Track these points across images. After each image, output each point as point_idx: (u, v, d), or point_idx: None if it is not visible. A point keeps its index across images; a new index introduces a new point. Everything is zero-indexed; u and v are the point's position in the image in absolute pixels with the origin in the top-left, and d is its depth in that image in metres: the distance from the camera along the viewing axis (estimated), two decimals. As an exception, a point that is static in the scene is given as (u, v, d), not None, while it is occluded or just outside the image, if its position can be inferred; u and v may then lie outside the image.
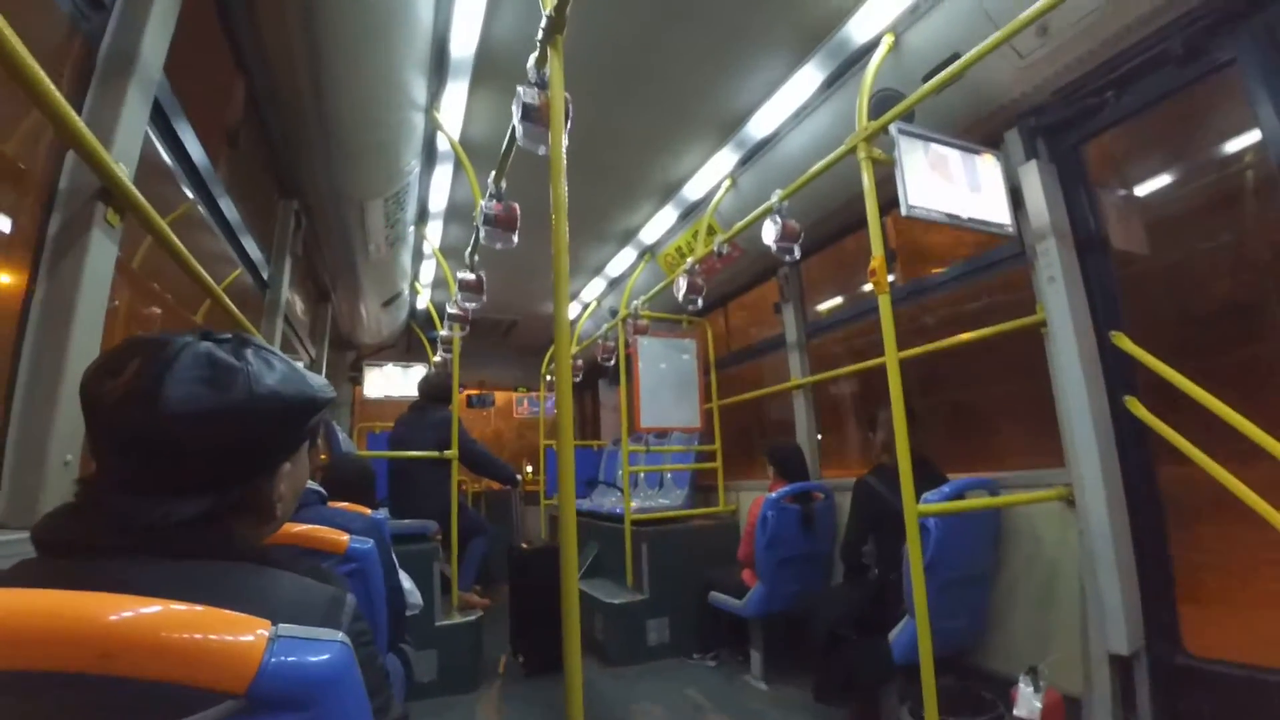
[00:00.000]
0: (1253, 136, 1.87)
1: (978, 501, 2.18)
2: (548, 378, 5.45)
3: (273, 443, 0.71)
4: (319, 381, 0.77)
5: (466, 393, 5.94)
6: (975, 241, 2.63)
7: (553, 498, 5.30)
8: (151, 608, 0.47)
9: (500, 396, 7.09)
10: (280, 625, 0.47)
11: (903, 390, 1.85)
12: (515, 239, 2.18)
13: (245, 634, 0.45)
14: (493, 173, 2.20)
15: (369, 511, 2.03)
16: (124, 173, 1.34)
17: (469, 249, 2.73)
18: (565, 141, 1.55)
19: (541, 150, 1.63)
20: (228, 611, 0.48)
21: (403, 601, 1.65)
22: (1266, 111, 1.75)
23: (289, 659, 0.45)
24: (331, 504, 1.75)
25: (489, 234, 2.19)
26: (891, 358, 1.83)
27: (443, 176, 3.38)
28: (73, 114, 1.10)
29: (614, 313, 4.19)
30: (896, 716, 2.20)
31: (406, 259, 4.03)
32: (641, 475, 4.78)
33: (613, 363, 4.17)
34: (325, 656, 0.47)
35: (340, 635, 0.49)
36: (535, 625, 3.44)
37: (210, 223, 2.41)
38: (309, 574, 0.67)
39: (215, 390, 0.63)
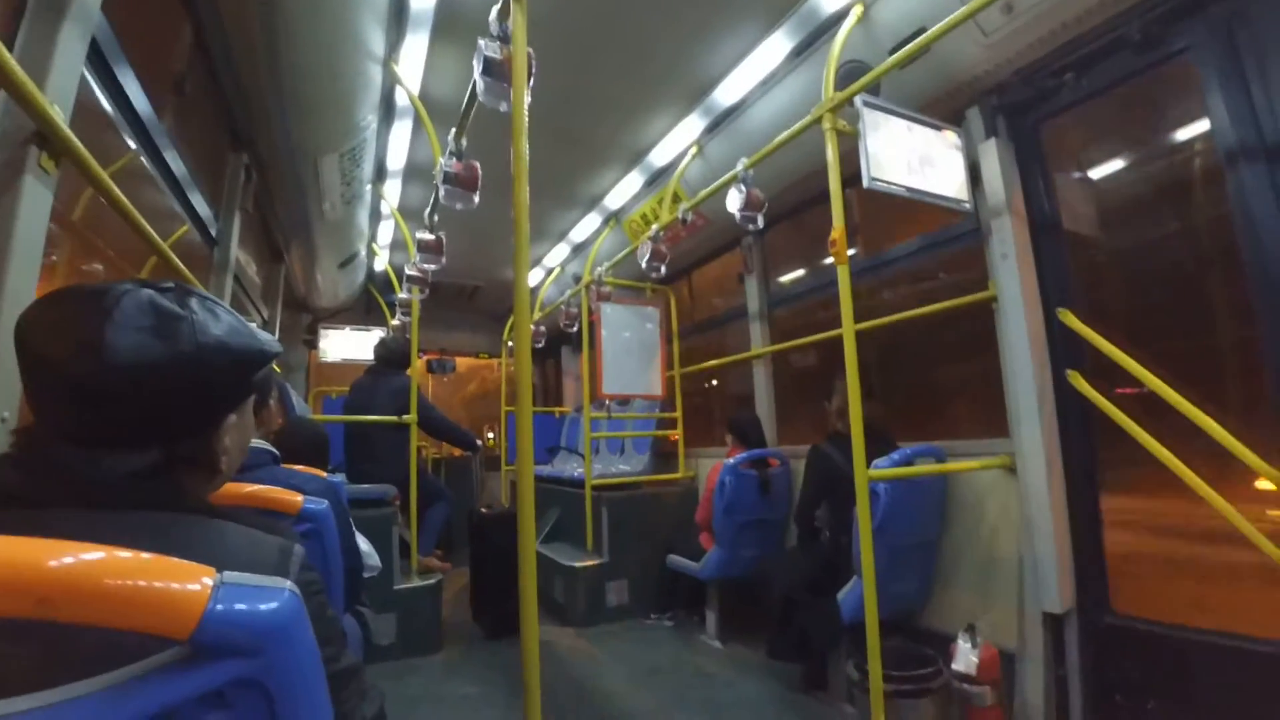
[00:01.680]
0: (1196, 127, 1.95)
1: (924, 468, 2.26)
2: (509, 344, 5.40)
3: (219, 395, 0.70)
4: (266, 336, 0.76)
5: (426, 358, 5.84)
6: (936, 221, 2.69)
7: (514, 463, 5.31)
8: (93, 554, 0.46)
9: (462, 363, 7.00)
10: (226, 573, 0.46)
11: (860, 364, 1.89)
12: (476, 199, 2.13)
13: (190, 582, 0.45)
14: (453, 130, 2.14)
15: (324, 474, 2.01)
16: (59, 115, 1.26)
17: (428, 209, 2.65)
18: (528, 99, 1.51)
19: (503, 107, 1.58)
20: (173, 559, 0.47)
21: (359, 562, 1.64)
22: (1215, 100, 1.82)
23: (234, 606, 0.45)
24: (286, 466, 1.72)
25: (449, 193, 2.13)
26: (848, 328, 1.86)
27: (401, 133, 3.26)
28: (3, 50, 1.03)
29: (577, 279, 4.15)
30: (844, 673, 2.30)
31: (364, 219, 3.91)
32: (603, 442, 4.81)
33: (576, 329, 4.15)
34: (272, 605, 0.47)
35: (288, 584, 0.49)
36: (494, 589, 3.47)
37: (155, 175, 2.29)
38: (260, 528, 0.67)
39: (160, 340, 0.61)
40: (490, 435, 6.26)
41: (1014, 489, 2.24)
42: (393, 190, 3.84)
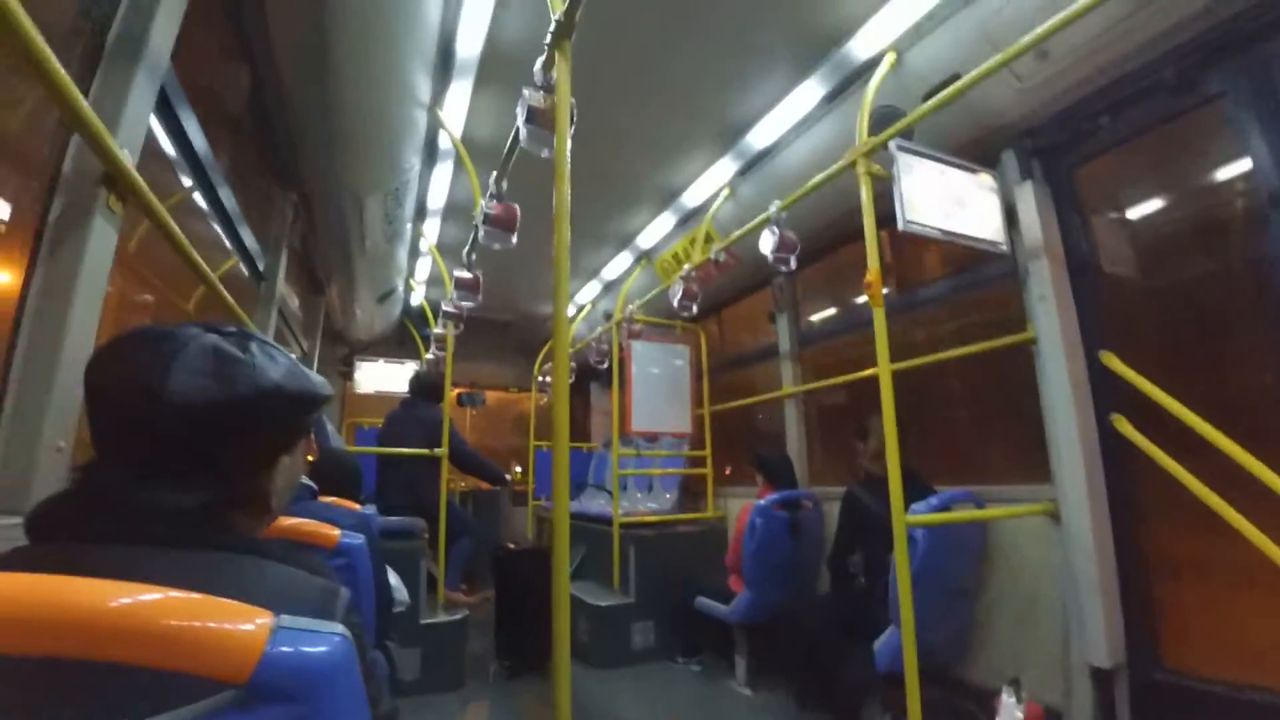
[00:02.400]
0: (1234, 168, 1.92)
1: (965, 514, 2.20)
2: (540, 378, 5.45)
3: (274, 436, 0.73)
4: (318, 378, 0.78)
5: (456, 391, 5.92)
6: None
7: (540, 498, 5.29)
8: (151, 594, 0.47)
9: (492, 396, 7.07)
10: (282, 616, 0.47)
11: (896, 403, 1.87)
12: (514, 240, 2.19)
13: (246, 623, 0.46)
14: (494, 173, 2.21)
15: (357, 507, 2.03)
16: (128, 159, 1.34)
17: (467, 248, 2.73)
18: (569, 145, 1.57)
19: (545, 153, 1.64)
20: (227, 600, 0.48)
21: (389, 597, 1.65)
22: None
23: (290, 649, 0.45)
24: (320, 499, 1.75)
25: (488, 234, 2.20)
26: (884, 368, 1.85)
27: (443, 174, 3.38)
28: (80, 97, 1.10)
29: (608, 316, 4.20)
30: (880, 726, 2.22)
31: (403, 255, 4.03)
32: (631, 479, 4.78)
33: (606, 366, 4.18)
34: (325, 648, 0.47)
35: (340, 628, 0.50)
36: (519, 627, 3.44)
37: (208, 211, 2.41)
38: (303, 568, 0.68)
39: (220, 382, 0.64)
40: (518, 469, 6.27)
41: (1056, 536, 2.16)
42: (432, 228, 3.96)
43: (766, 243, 2.42)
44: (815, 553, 3.10)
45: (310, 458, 3.18)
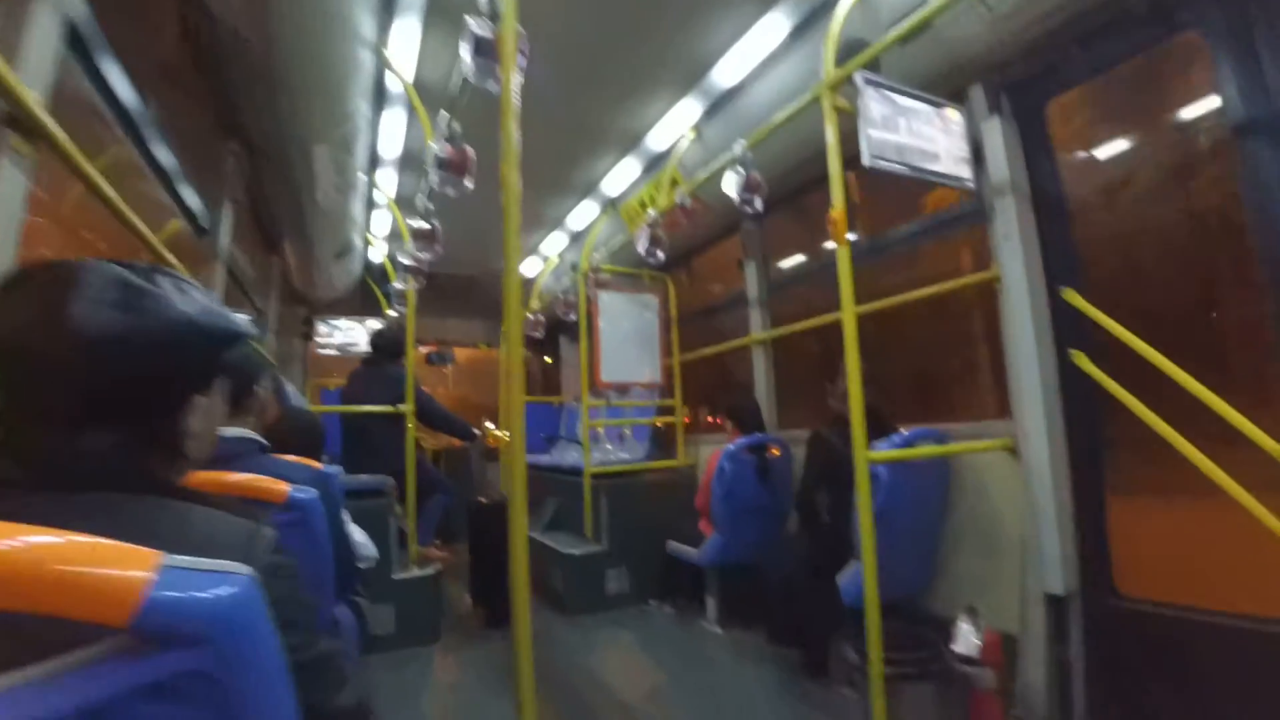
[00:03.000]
0: (1204, 104, 1.90)
1: (924, 450, 2.22)
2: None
3: (185, 373, 0.68)
4: (239, 317, 0.74)
5: (425, 349, 5.80)
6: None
7: (514, 453, 5.27)
8: (37, 538, 0.43)
9: (462, 354, 6.96)
10: (170, 556, 0.43)
11: (861, 347, 1.86)
12: (469, 184, 2.09)
13: (132, 567, 0.42)
14: (444, 113, 2.10)
15: (319, 465, 1.98)
16: (33, 98, 1.24)
17: (422, 197, 2.61)
18: (519, 80, 1.47)
19: (494, 87, 1.54)
20: (120, 544, 0.44)
21: (351, 553, 1.62)
22: (1225, 74, 1.77)
23: (177, 593, 0.41)
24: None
25: (441, 179, 2.10)
26: (848, 310, 1.83)
27: (395, 121, 3.22)
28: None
29: (575, 268, 4.11)
30: (844, 657, 2.28)
31: (358, 208, 3.86)
32: (602, 430, 4.79)
33: (573, 318, 4.11)
34: (222, 590, 0.43)
35: (244, 568, 0.46)
36: (493, 578, 3.46)
37: (141, 164, 2.25)
38: (234, 513, 0.65)
39: (126, 314, 0.59)
40: (490, 426, 6.23)
41: (1017, 471, 2.21)
42: (388, 179, 3.80)
43: (731, 184, 2.36)
44: (784, 496, 3.14)
45: (274, 412, 3.10)
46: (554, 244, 5.03)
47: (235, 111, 2.73)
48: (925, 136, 2.09)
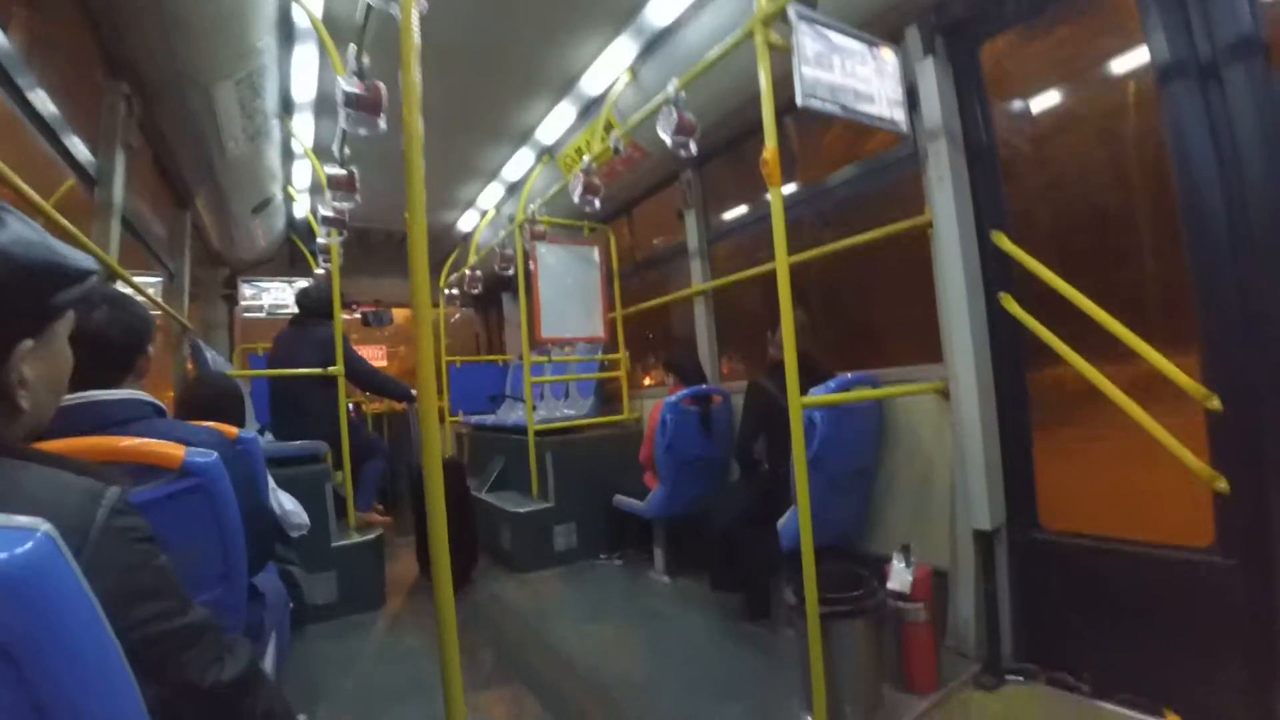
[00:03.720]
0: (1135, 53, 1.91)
1: (856, 394, 2.26)
2: (446, 291, 5.18)
3: (5, 315, 0.59)
4: (76, 253, 0.64)
5: (360, 310, 5.56)
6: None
7: (457, 415, 5.17)
8: None
9: (400, 314, 6.72)
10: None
11: (802, 298, 1.84)
12: (383, 124, 1.94)
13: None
14: (352, 46, 1.93)
15: (235, 431, 1.86)
16: None
17: (336, 140, 2.43)
18: (423, 5, 1.35)
19: (395, 12, 1.41)
20: None
21: (269, 521, 1.53)
22: (1151, 21, 1.77)
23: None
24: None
25: (352, 118, 1.94)
26: (781, 255, 1.79)
27: (307, 60, 2.97)
28: None
29: (513, 220, 3.96)
30: (783, 598, 2.34)
31: (274, 157, 3.60)
32: (548, 387, 4.72)
33: (511, 273, 3.98)
34: (5, 553, 0.36)
35: (37, 525, 0.39)
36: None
37: (13, 110, 2.00)
38: (89, 474, 0.58)
39: None
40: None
41: (948, 413, 2.27)
42: (305, 126, 3.53)
43: (664, 124, 2.27)
44: (726, 447, 3.18)
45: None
46: (491, 196, 4.83)
47: (122, 48, 2.45)
48: (860, 77, 2.04)
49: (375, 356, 6.43)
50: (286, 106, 3.30)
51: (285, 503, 2.44)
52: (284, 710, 0.76)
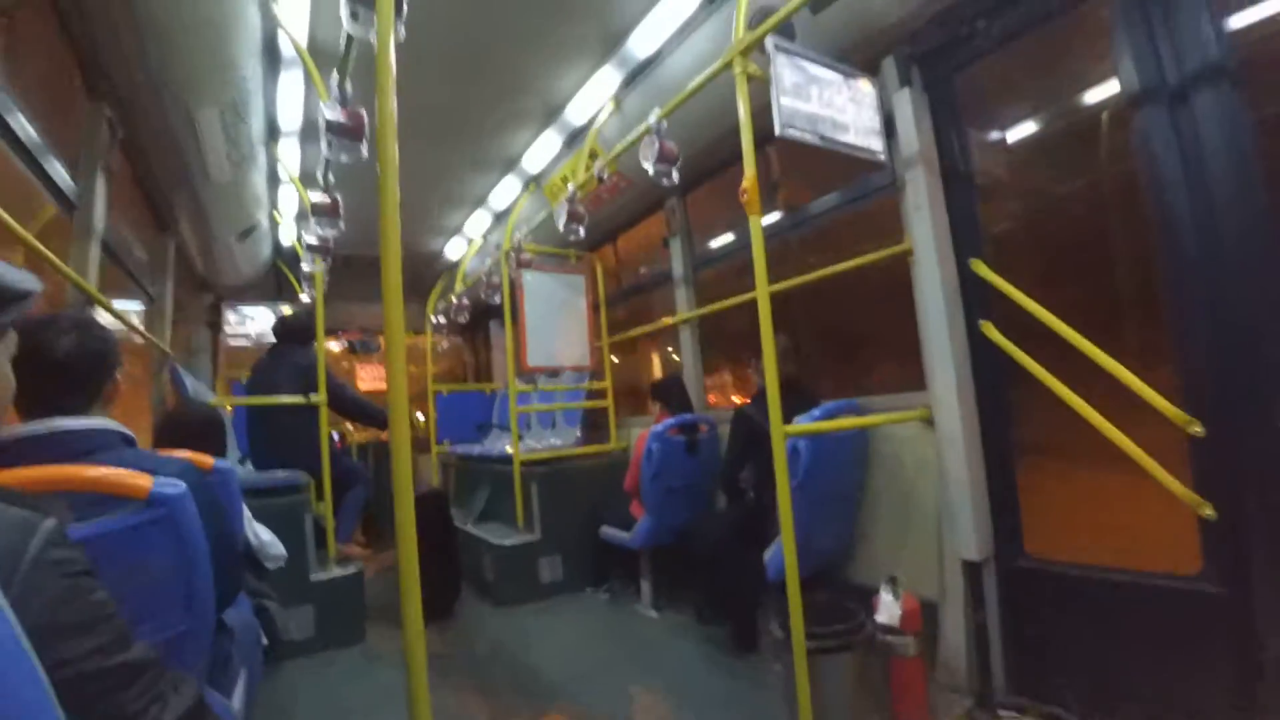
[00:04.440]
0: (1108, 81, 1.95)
1: (841, 422, 2.24)
2: (434, 319, 5.16)
3: None
4: (15, 273, 0.62)
5: (346, 338, 5.52)
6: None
7: (443, 443, 5.11)
8: None
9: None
10: None
11: (788, 321, 1.84)
12: (364, 151, 1.95)
13: None
14: (335, 73, 1.94)
15: (210, 461, 1.82)
16: None
17: (320, 167, 2.43)
18: (400, 32, 1.36)
19: (374, 38, 1.41)
20: None
21: (235, 553, 1.48)
22: (1121, 45, 1.81)
23: None
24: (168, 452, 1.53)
25: (335, 144, 1.94)
26: (761, 282, 1.80)
27: (293, 86, 2.99)
28: None
29: (500, 248, 3.97)
30: (769, 631, 2.30)
31: (259, 183, 3.59)
32: (534, 417, 4.68)
33: (498, 300, 3.97)
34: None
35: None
36: (427, 570, 3.30)
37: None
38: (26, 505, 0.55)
39: None
40: (420, 417, 6.02)
41: (932, 441, 2.26)
42: (290, 152, 3.54)
43: (647, 153, 2.29)
44: (713, 476, 3.14)
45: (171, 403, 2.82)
46: (478, 224, 4.84)
47: (104, 70, 2.45)
48: (837, 106, 2.07)
49: (375, 377, 6.37)
50: (272, 133, 3.31)
51: (262, 534, 2.38)
52: None
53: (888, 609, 2.02)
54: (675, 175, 2.34)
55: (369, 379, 6.51)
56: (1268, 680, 1.57)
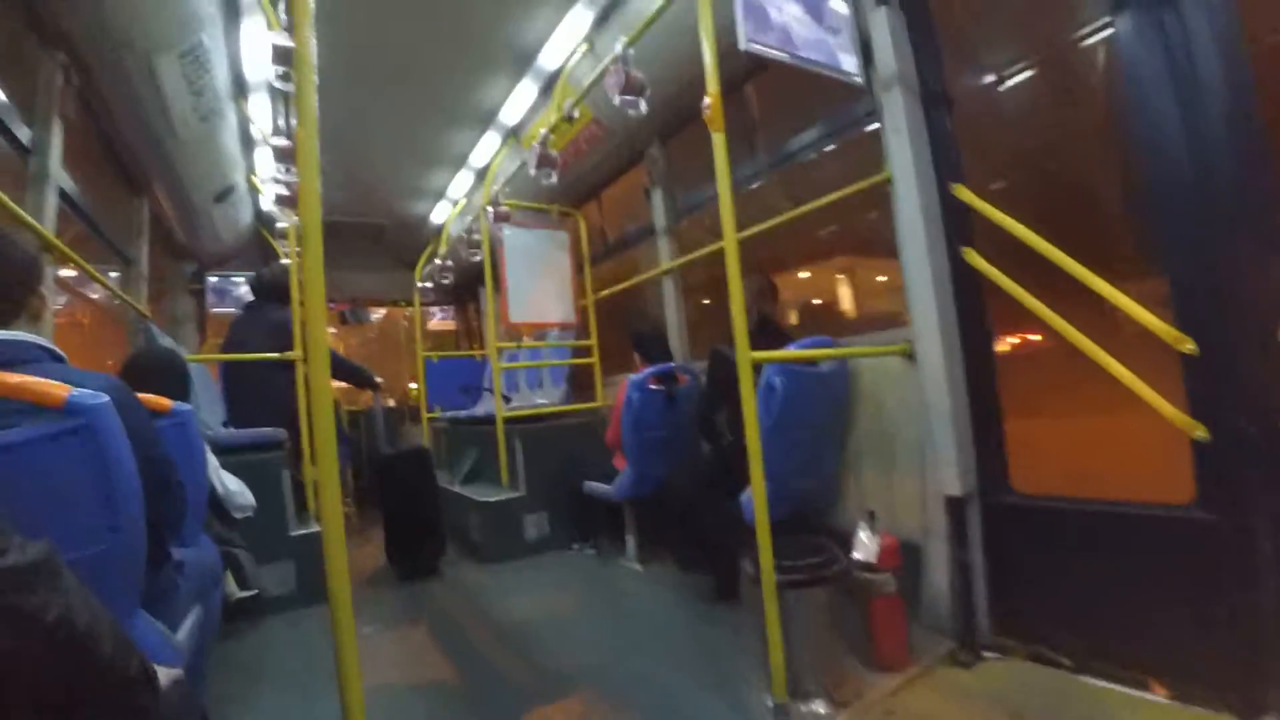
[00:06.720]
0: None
1: (812, 353, 2.16)
2: (421, 284, 5.09)
3: None
4: None
5: (337, 307, 5.47)
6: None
7: (434, 410, 5.08)
8: None
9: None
10: None
11: (765, 260, 1.76)
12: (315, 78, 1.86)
13: None
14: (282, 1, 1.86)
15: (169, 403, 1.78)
16: None
17: (281, 112, 2.36)
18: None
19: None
20: None
21: (167, 473, 1.43)
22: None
23: None
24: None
25: (284, 75, 1.86)
26: (726, 206, 1.71)
27: (258, 38, 2.89)
28: None
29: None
30: (749, 574, 2.25)
31: (231, 143, 3.51)
32: (522, 377, 4.63)
33: (478, 258, 3.90)
34: None
35: None
36: (405, 529, 3.31)
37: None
38: None
39: None
40: (412, 386, 5.98)
41: (914, 376, 2.19)
42: (262, 109, 3.45)
43: (611, 84, 2.20)
44: (694, 425, 3.08)
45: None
46: (461, 185, 4.75)
47: (55, 15, 2.37)
48: (811, 25, 1.98)
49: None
50: (240, 87, 3.22)
51: (229, 483, 2.35)
52: (90, 620, 0.66)
53: (865, 546, 1.97)
54: (643, 105, 2.25)
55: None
56: (1264, 611, 1.49)
